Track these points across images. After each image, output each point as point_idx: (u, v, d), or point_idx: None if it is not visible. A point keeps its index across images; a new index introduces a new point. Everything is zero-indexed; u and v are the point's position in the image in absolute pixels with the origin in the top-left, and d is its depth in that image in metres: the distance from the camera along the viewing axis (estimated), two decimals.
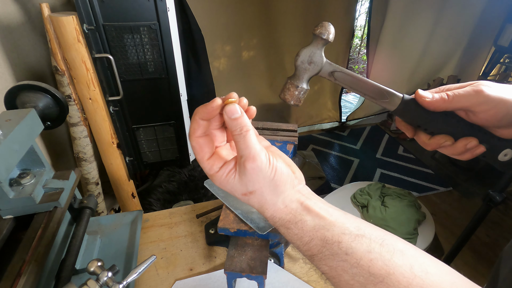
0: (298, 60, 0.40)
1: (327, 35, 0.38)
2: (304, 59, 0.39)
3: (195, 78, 1.40)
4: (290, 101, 0.42)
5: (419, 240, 1.20)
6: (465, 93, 0.34)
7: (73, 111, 0.93)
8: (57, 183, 0.52)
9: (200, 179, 1.42)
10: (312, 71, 0.40)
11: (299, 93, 0.41)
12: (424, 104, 0.36)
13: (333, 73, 0.40)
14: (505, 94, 0.33)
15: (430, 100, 0.35)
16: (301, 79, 0.40)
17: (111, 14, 0.86)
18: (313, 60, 0.39)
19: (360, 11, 4.46)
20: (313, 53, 0.39)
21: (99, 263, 0.44)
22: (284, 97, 0.42)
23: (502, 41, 2.53)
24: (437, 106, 0.35)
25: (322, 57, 0.40)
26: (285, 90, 0.41)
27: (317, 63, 0.39)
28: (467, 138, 0.36)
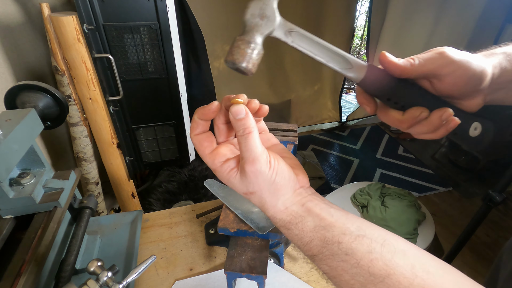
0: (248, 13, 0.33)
1: None
2: (254, 11, 0.33)
3: (195, 78, 1.40)
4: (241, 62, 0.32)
5: (419, 240, 1.20)
6: (430, 57, 0.33)
7: (73, 111, 0.93)
8: (57, 183, 0.52)
9: (200, 179, 1.42)
10: (265, 28, 0.33)
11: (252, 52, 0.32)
12: (390, 67, 0.34)
13: (290, 33, 0.34)
14: (468, 57, 0.32)
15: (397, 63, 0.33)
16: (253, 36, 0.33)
17: (111, 14, 0.86)
18: (265, 14, 0.33)
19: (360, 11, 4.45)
20: (265, 5, 0.33)
21: (99, 263, 0.44)
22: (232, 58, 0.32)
23: (502, 41, 2.51)
24: (403, 70, 0.33)
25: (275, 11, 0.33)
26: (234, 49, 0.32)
27: (270, 18, 0.33)
28: (441, 109, 0.33)
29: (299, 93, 2.71)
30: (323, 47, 0.34)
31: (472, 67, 0.31)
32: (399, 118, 0.35)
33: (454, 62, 0.31)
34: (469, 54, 0.33)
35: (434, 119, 0.33)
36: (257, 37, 0.33)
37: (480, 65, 0.32)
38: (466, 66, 0.31)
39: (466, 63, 0.31)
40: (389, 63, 0.34)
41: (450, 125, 0.33)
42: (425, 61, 0.32)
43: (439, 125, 0.34)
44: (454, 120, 0.33)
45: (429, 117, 0.33)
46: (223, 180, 0.32)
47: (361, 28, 4.71)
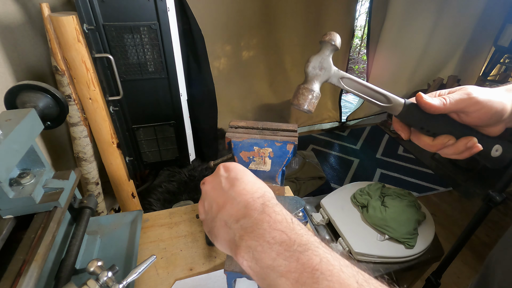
0: (309, 66, 0.41)
1: (336, 42, 0.40)
2: (315, 65, 0.41)
3: (195, 78, 1.40)
4: (303, 106, 0.41)
5: (419, 240, 1.20)
6: (460, 97, 0.38)
7: (73, 111, 0.93)
8: (57, 183, 0.52)
9: (200, 179, 1.41)
10: (323, 77, 0.41)
11: (313, 97, 0.41)
12: (426, 107, 0.39)
13: (342, 79, 0.42)
14: (491, 96, 0.38)
15: (431, 103, 0.39)
16: (313, 84, 0.41)
17: (111, 14, 0.86)
18: (323, 66, 0.41)
19: (360, 11, 4.46)
20: (323, 60, 0.41)
21: (99, 263, 0.44)
22: (298, 103, 0.41)
23: (502, 41, 2.53)
24: (436, 109, 0.39)
25: (331, 63, 0.41)
26: (298, 96, 0.41)
27: (327, 69, 0.41)
28: (467, 138, 0.39)
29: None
30: (368, 88, 0.42)
31: (494, 106, 0.38)
32: (429, 143, 0.41)
33: (479, 103, 0.37)
34: (492, 93, 0.38)
35: (460, 145, 0.40)
36: (316, 85, 0.41)
37: (501, 102, 0.38)
38: (489, 105, 0.37)
39: (489, 103, 0.37)
40: (425, 104, 0.39)
41: (473, 150, 0.40)
42: (455, 102, 0.38)
43: (464, 150, 0.40)
44: (477, 147, 0.39)
45: (455, 143, 0.40)
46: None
47: (361, 28, 4.72)
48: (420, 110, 0.40)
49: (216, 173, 0.37)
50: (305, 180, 2.15)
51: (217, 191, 0.35)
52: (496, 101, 0.38)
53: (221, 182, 0.35)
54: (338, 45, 0.41)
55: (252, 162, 0.65)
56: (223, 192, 0.34)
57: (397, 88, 2.92)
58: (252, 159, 0.64)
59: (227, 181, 0.35)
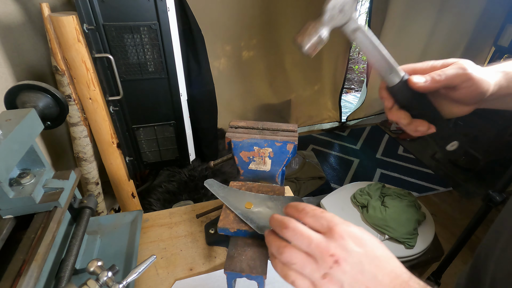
0: (330, 4, 0.36)
1: None
2: (336, 4, 0.36)
3: (195, 78, 1.40)
4: (305, 46, 0.37)
5: (419, 240, 1.20)
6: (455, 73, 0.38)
7: (73, 111, 0.94)
8: (57, 183, 0.52)
9: (200, 179, 1.42)
10: (338, 21, 0.37)
11: (317, 40, 0.37)
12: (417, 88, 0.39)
13: (355, 32, 0.39)
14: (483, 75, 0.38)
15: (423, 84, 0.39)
16: (325, 25, 0.37)
17: (111, 14, 0.86)
18: (344, 9, 0.37)
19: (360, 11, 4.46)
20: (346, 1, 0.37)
21: (99, 263, 0.44)
22: (300, 40, 0.37)
23: (502, 41, 2.53)
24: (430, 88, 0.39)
25: (353, 9, 0.37)
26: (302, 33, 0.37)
27: (346, 14, 0.37)
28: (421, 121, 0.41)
29: (299, 93, 2.71)
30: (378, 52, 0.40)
31: (483, 85, 0.37)
32: (404, 122, 0.42)
33: (472, 79, 0.37)
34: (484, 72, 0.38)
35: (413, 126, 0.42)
36: (326, 28, 0.37)
37: (489, 82, 0.38)
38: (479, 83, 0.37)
39: (480, 81, 0.37)
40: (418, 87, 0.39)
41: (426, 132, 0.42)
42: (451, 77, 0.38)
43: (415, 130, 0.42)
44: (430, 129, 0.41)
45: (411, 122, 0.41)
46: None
47: None
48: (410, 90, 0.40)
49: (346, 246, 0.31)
50: (305, 180, 2.15)
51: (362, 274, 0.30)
52: (486, 80, 0.38)
53: (361, 263, 0.30)
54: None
55: (252, 162, 0.65)
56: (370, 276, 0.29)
57: None
58: (252, 159, 0.64)
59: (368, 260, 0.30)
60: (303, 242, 0.32)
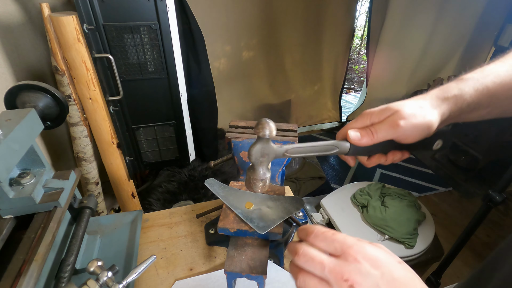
0: (252, 158, 0.43)
1: (269, 133, 0.42)
2: (257, 155, 0.43)
3: (195, 78, 1.40)
4: (257, 190, 0.46)
5: (419, 240, 1.20)
6: (385, 130, 0.41)
7: (73, 111, 0.94)
8: (57, 183, 0.52)
9: (200, 179, 1.42)
10: (267, 161, 0.44)
11: (263, 182, 0.45)
12: (356, 144, 0.43)
13: (287, 152, 0.44)
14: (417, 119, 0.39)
15: (359, 140, 0.42)
16: (261, 170, 0.45)
17: (111, 14, 0.86)
18: (264, 153, 0.43)
19: (360, 11, 4.46)
20: (263, 149, 0.43)
21: (99, 263, 0.44)
22: (251, 189, 0.46)
23: (502, 41, 2.53)
24: (367, 143, 0.42)
25: (271, 147, 0.43)
26: (252, 185, 0.45)
27: (269, 154, 0.44)
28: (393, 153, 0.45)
29: (299, 93, 2.71)
30: (314, 147, 0.45)
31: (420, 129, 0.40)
32: (364, 162, 0.48)
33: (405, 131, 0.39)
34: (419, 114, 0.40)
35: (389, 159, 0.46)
36: (264, 170, 0.45)
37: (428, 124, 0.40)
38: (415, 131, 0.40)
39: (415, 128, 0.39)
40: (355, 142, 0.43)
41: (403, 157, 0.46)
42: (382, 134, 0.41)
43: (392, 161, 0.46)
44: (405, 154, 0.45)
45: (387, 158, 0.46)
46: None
47: (361, 28, 4.72)
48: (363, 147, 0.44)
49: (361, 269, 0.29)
50: (305, 180, 2.15)
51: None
52: (422, 124, 0.39)
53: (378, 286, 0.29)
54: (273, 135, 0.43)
55: None
56: None
57: (397, 88, 2.92)
58: None
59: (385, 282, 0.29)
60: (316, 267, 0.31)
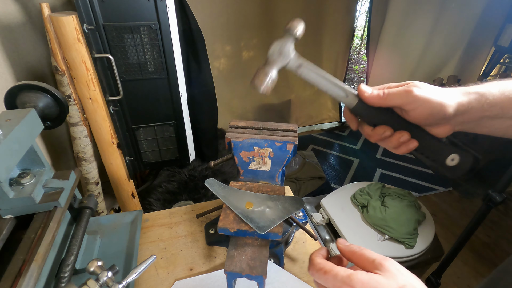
0: (270, 50, 0.43)
1: (295, 31, 0.42)
2: (274, 50, 0.43)
3: (195, 78, 1.40)
4: (259, 87, 0.43)
5: (419, 240, 1.20)
6: (397, 92, 0.39)
7: (73, 111, 0.94)
8: (57, 183, 0.52)
9: (200, 179, 1.42)
10: (281, 62, 0.43)
11: (268, 80, 0.43)
12: (363, 98, 0.40)
13: (300, 67, 0.43)
14: (431, 95, 0.37)
15: (368, 95, 0.40)
16: (271, 68, 0.43)
17: (111, 14, 0.86)
18: (282, 52, 0.42)
19: (360, 11, 4.46)
20: (283, 46, 0.42)
21: (99, 263, 0.44)
22: (254, 83, 0.43)
23: (502, 41, 2.53)
24: (374, 102, 0.40)
25: (290, 50, 0.43)
26: (255, 77, 0.43)
27: (285, 55, 0.42)
28: (401, 132, 0.40)
29: (299, 93, 2.71)
30: (325, 79, 0.42)
31: (431, 105, 0.37)
32: (368, 133, 0.43)
33: (416, 100, 0.37)
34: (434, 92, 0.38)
35: (395, 139, 0.41)
36: (273, 69, 0.43)
37: (441, 102, 0.37)
38: (426, 104, 0.37)
39: (426, 101, 0.37)
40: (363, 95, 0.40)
41: (409, 146, 0.40)
42: (392, 96, 0.39)
43: (398, 144, 0.41)
44: (413, 143, 0.40)
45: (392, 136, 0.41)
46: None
47: (361, 28, 4.72)
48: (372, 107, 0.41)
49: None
50: (305, 180, 2.15)
51: None
52: (434, 100, 0.37)
53: None
54: (298, 35, 0.42)
55: (252, 162, 0.65)
56: None
57: None
58: (252, 159, 0.64)
59: None
60: None
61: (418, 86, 0.38)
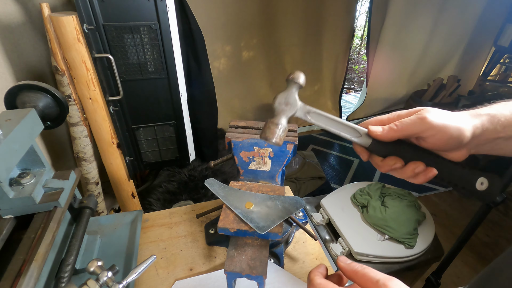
0: (276, 102, 0.43)
1: (299, 80, 0.42)
2: (281, 101, 0.43)
3: (195, 78, 1.40)
4: (271, 139, 0.42)
5: (419, 240, 1.20)
6: (411, 122, 0.38)
7: (73, 111, 0.94)
8: (57, 183, 0.52)
9: (200, 179, 1.42)
10: (289, 112, 0.43)
11: (279, 131, 0.42)
12: (377, 137, 0.40)
13: (309, 113, 0.43)
14: (446, 120, 0.37)
15: (381, 133, 0.39)
16: (279, 118, 0.43)
17: (111, 14, 0.86)
18: (288, 102, 0.43)
19: (360, 11, 4.46)
20: (288, 96, 0.43)
21: (99, 263, 0.44)
22: (265, 136, 0.42)
23: (502, 41, 2.53)
24: (390, 137, 0.39)
25: (296, 99, 0.43)
26: (266, 129, 0.43)
27: (292, 105, 0.43)
28: (415, 162, 0.39)
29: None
30: (336, 122, 0.43)
31: (449, 131, 0.36)
32: (378, 163, 0.42)
33: (433, 127, 0.36)
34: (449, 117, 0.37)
35: (408, 170, 0.40)
36: (283, 119, 0.43)
37: (458, 127, 0.36)
38: (444, 130, 0.36)
39: (444, 127, 0.36)
40: (376, 135, 0.40)
41: (428, 175, 0.39)
42: (407, 126, 0.38)
43: (413, 175, 0.40)
44: (431, 171, 0.39)
45: (404, 167, 0.40)
46: None
47: (361, 28, 4.72)
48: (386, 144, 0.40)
49: None
50: (305, 180, 2.15)
51: None
52: (452, 126, 0.36)
53: None
54: (302, 83, 0.42)
55: (252, 162, 0.65)
56: None
57: (397, 88, 2.92)
58: (252, 159, 0.64)
59: None
60: None
61: (430, 112, 0.37)
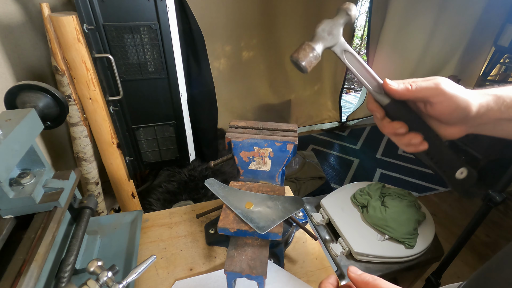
0: (319, 27, 0.41)
1: (351, 12, 0.40)
2: (325, 28, 0.41)
3: (195, 78, 1.40)
4: (302, 61, 0.40)
5: (419, 240, 1.20)
6: (426, 85, 0.39)
7: (73, 111, 0.94)
8: (57, 183, 0.52)
9: (200, 179, 1.42)
10: (329, 42, 0.41)
11: (312, 56, 0.40)
12: (390, 91, 0.40)
13: (345, 52, 0.42)
14: (458, 92, 0.38)
15: (396, 88, 0.40)
16: (317, 44, 0.41)
17: (111, 14, 0.86)
18: (332, 32, 0.41)
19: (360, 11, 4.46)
20: (334, 25, 0.41)
21: (99, 263, 0.44)
22: (297, 56, 0.40)
23: (502, 41, 2.53)
24: (402, 94, 0.40)
25: (340, 32, 0.41)
26: (300, 50, 0.40)
27: (334, 36, 0.41)
28: (416, 134, 0.41)
29: (299, 93, 2.71)
30: (366, 70, 0.42)
31: (458, 101, 0.37)
32: (385, 124, 0.43)
33: (445, 94, 0.37)
34: (460, 89, 0.38)
35: (406, 138, 0.41)
36: (320, 46, 0.41)
37: (467, 100, 0.37)
38: (453, 99, 0.37)
39: (454, 97, 0.37)
40: (390, 90, 0.40)
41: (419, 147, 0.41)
42: (421, 89, 0.39)
43: (407, 144, 0.42)
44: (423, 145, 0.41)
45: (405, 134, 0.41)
46: None
47: (361, 28, 4.72)
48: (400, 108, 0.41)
49: None
50: (305, 180, 2.15)
51: None
52: (461, 97, 0.37)
53: None
54: (353, 16, 0.41)
55: (252, 162, 0.65)
56: None
57: None
58: (252, 159, 0.64)
59: None
60: None
61: (444, 80, 0.38)
